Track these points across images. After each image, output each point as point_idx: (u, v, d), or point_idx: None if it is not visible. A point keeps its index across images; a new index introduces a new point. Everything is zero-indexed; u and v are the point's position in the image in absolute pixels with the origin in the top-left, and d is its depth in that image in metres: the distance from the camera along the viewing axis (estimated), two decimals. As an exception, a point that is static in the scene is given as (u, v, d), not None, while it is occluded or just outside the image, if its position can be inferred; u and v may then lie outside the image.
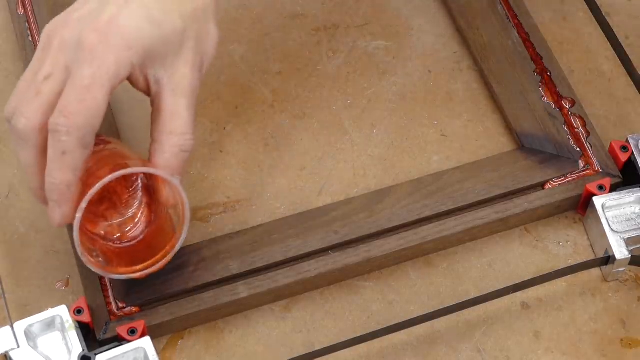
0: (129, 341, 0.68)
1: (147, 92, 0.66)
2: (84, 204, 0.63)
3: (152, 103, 0.66)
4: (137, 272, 0.67)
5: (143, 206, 0.69)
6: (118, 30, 0.62)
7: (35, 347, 0.68)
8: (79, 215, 0.63)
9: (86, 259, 0.65)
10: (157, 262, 0.67)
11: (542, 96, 0.79)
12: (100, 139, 0.68)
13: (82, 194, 0.63)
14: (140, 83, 0.65)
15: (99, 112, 0.62)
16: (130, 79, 0.64)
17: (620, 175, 0.75)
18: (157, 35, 0.63)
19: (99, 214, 0.68)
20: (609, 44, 0.82)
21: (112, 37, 0.62)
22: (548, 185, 0.75)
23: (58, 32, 0.64)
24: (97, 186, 0.62)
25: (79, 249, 0.64)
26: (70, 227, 0.65)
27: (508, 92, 0.80)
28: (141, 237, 0.69)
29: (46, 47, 0.64)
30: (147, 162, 0.66)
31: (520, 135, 0.78)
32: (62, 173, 0.62)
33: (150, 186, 0.68)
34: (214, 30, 0.67)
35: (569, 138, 0.77)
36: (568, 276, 0.73)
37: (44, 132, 0.63)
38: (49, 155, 0.62)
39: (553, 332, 0.72)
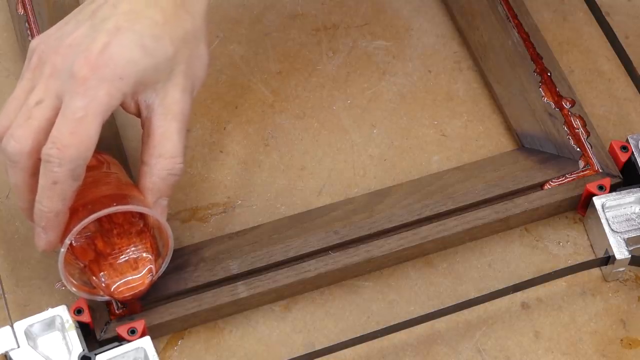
0: (129, 341, 0.68)
1: (138, 115, 0.67)
2: (68, 240, 0.64)
3: (143, 126, 0.67)
4: (124, 295, 0.68)
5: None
6: (110, 61, 0.63)
7: (35, 347, 0.68)
8: (63, 250, 0.64)
9: (70, 285, 0.67)
10: (140, 286, 0.68)
11: (542, 96, 0.79)
12: (102, 156, 0.69)
13: (72, 219, 0.65)
14: (131, 108, 0.66)
15: (90, 144, 0.62)
16: (121, 105, 0.65)
17: (620, 175, 0.75)
18: (149, 64, 0.64)
19: (88, 235, 0.69)
20: (609, 44, 0.82)
21: (104, 69, 0.63)
22: (548, 185, 0.75)
23: (50, 57, 0.64)
24: (81, 225, 0.64)
25: (64, 279, 0.66)
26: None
27: (508, 92, 0.80)
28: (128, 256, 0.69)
29: (37, 70, 0.65)
30: (136, 189, 0.67)
31: (520, 135, 0.78)
32: (51, 202, 0.63)
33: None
34: (205, 53, 0.68)
35: (569, 138, 0.77)
36: (568, 276, 0.73)
37: (34, 155, 0.64)
38: (40, 183, 0.63)
39: (553, 332, 0.72)
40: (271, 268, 0.72)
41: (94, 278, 0.67)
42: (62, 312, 0.68)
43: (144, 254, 0.68)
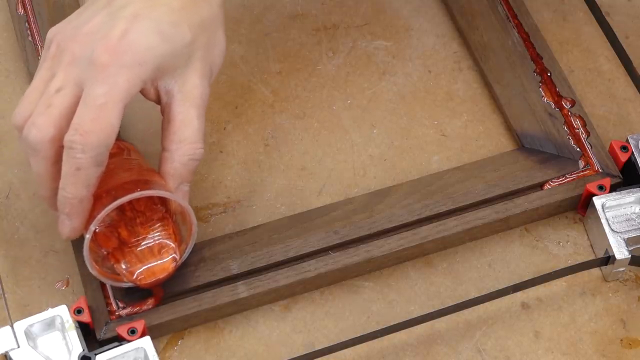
0: (129, 341, 0.68)
1: (158, 102, 0.67)
2: (93, 227, 0.64)
3: (163, 112, 0.67)
4: (148, 281, 0.68)
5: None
6: (129, 48, 0.63)
7: (35, 347, 0.68)
8: (88, 236, 0.65)
9: (95, 272, 0.67)
10: (164, 272, 0.68)
11: (542, 96, 0.79)
12: (122, 143, 0.69)
13: (95, 206, 0.65)
14: (150, 94, 0.66)
15: (112, 130, 0.63)
16: (141, 92, 0.65)
17: (620, 175, 0.75)
18: (167, 49, 0.64)
19: (111, 223, 0.69)
20: (609, 44, 0.82)
21: (124, 55, 0.63)
22: (548, 185, 0.75)
23: (68, 45, 0.65)
24: (106, 210, 0.64)
25: (89, 266, 0.66)
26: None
27: (508, 92, 0.80)
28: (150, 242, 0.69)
29: (55, 58, 0.65)
30: (157, 175, 0.67)
31: (520, 135, 0.78)
32: (75, 188, 0.64)
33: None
34: (222, 39, 0.68)
35: (569, 138, 0.77)
36: (568, 276, 0.73)
37: (55, 143, 0.64)
38: (63, 170, 0.63)
39: (553, 332, 0.72)
40: (271, 268, 0.72)
41: (117, 265, 0.68)
42: (62, 312, 0.68)
43: (167, 240, 0.68)
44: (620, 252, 0.71)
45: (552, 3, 0.86)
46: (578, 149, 0.76)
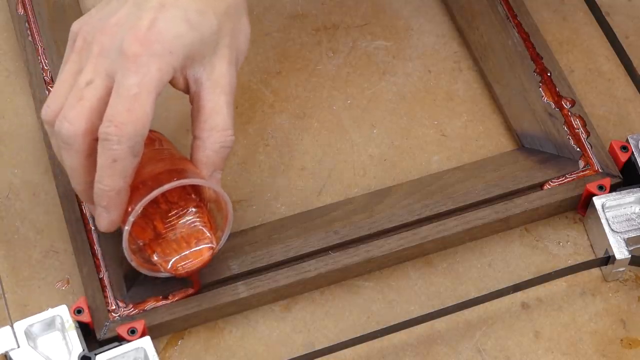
0: (129, 341, 0.68)
1: (186, 91, 0.67)
2: (132, 218, 0.64)
3: (192, 101, 0.67)
4: (185, 271, 0.68)
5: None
6: (159, 37, 0.63)
7: (35, 347, 0.68)
8: (127, 228, 0.65)
9: (135, 264, 0.67)
10: (201, 261, 0.68)
11: (542, 96, 0.79)
12: (153, 134, 0.69)
13: (131, 197, 0.65)
14: (179, 83, 0.66)
15: (147, 120, 0.63)
16: (170, 81, 0.65)
17: (620, 175, 0.75)
18: (195, 37, 0.65)
19: (145, 214, 0.69)
20: (609, 44, 0.82)
21: (154, 44, 0.63)
22: (548, 185, 0.75)
23: (96, 37, 0.65)
24: (144, 201, 0.64)
25: (129, 257, 0.66)
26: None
27: (508, 92, 0.80)
28: (182, 230, 0.69)
29: (83, 51, 0.65)
30: (190, 163, 0.67)
31: (520, 135, 0.78)
32: (112, 180, 0.64)
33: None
34: (247, 25, 0.69)
35: (569, 138, 0.77)
36: (568, 276, 0.73)
37: (88, 136, 0.64)
38: (99, 163, 0.63)
39: (553, 332, 0.72)
40: (271, 268, 0.72)
41: (154, 256, 0.68)
42: (62, 312, 0.68)
43: (202, 229, 0.69)
44: (620, 252, 0.71)
45: (552, 3, 0.86)
46: (578, 149, 0.76)
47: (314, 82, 0.82)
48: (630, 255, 0.71)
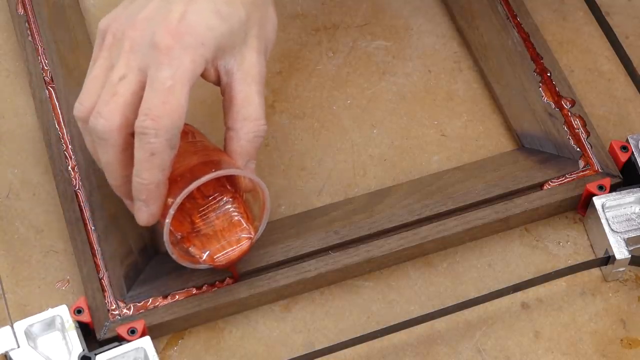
0: (129, 341, 0.68)
1: (217, 82, 0.67)
2: (172, 211, 0.65)
3: (223, 93, 0.68)
4: (224, 262, 0.69)
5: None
6: (190, 29, 0.64)
7: (35, 347, 0.68)
8: (168, 220, 0.65)
9: (175, 256, 0.67)
10: (239, 251, 0.69)
11: (542, 96, 0.79)
12: (185, 126, 0.69)
13: (169, 191, 0.65)
14: (211, 75, 0.67)
15: (182, 112, 0.63)
16: (201, 74, 0.66)
17: (620, 175, 0.75)
18: (225, 28, 0.65)
19: (182, 207, 0.69)
20: (609, 44, 0.82)
21: (186, 37, 0.63)
22: (548, 185, 0.75)
23: (126, 32, 0.65)
24: (184, 193, 0.64)
25: (170, 250, 0.66)
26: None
27: (508, 92, 0.80)
28: (216, 222, 0.70)
29: (114, 47, 0.66)
30: (224, 154, 0.68)
31: (520, 135, 0.78)
32: (151, 174, 0.64)
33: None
34: (273, 15, 0.69)
35: (569, 138, 0.77)
36: (568, 276, 0.73)
37: (123, 131, 0.64)
38: (136, 157, 0.64)
39: (553, 332, 0.72)
40: (271, 268, 0.72)
41: (193, 248, 0.68)
42: (62, 312, 0.68)
43: (240, 219, 0.69)
44: (620, 252, 0.71)
45: (552, 3, 0.86)
46: (578, 149, 0.76)
47: (314, 82, 0.82)
48: (630, 255, 0.71)
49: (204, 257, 0.68)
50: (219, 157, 0.67)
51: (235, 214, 0.69)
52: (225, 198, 0.69)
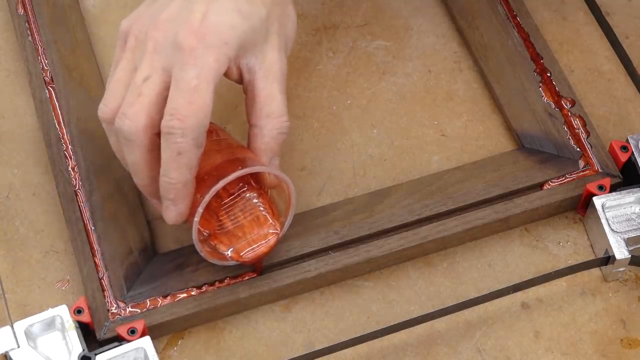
0: (129, 341, 0.68)
1: (239, 81, 0.68)
2: (201, 209, 0.65)
3: (246, 91, 0.68)
4: (251, 258, 0.69)
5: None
6: (213, 28, 0.64)
7: (35, 347, 0.68)
8: (197, 219, 0.65)
9: (204, 254, 0.68)
10: (265, 247, 0.69)
11: (542, 96, 0.79)
12: (210, 125, 0.69)
13: (197, 189, 0.66)
14: (233, 74, 0.67)
15: (208, 111, 0.64)
16: (224, 72, 0.66)
17: (620, 175, 0.75)
18: (247, 27, 0.65)
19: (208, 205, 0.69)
20: (609, 44, 0.82)
21: (209, 36, 0.64)
22: (548, 185, 0.75)
23: (149, 33, 0.65)
24: (213, 191, 0.65)
25: (199, 248, 0.67)
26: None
27: (508, 92, 0.80)
28: (242, 219, 0.70)
29: (136, 49, 0.66)
30: (248, 151, 0.68)
31: (520, 135, 0.78)
32: (179, 173, 0.64)
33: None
34: (293, 12, 0.70)
35: (569, 138, 0.77)
36: (568, 276, 0.73)
37: (149, 131, 0.65)
38: (164, 157, 0.64)
39: (553, 332, 0.72)
40: (271, 268, 0.72)
41: (220, 245, 0.68)
42: (62, 312, 0.68)
43: (266, 215, 0.69)
44: (620, 252, 0.71)
45: (552, 3, 0.86)
46: (578, 149, 0.76)
47: (314, 82, 0.82)
48: (630, 255, 0.71)
49: (231, 254, 0.68)
50: (244, 154, 0.68)
51: (261, 209, 0.69)
52: (250, 194, 0.70)
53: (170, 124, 0.63)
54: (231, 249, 0.69)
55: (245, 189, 0.70)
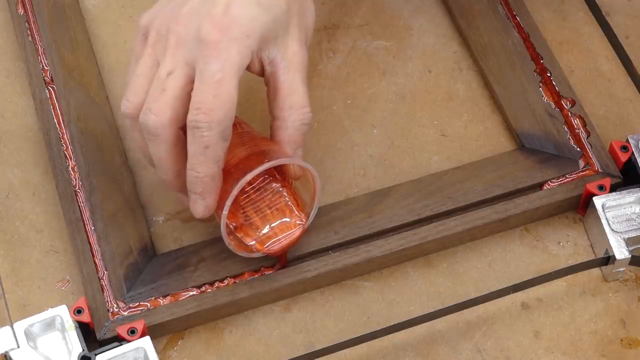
0: (129, 341, 0.68)
1: (261, 73, 0.68)
2: (229, 202, 0.65)
3: (268, 83, 0.68)
4: (278, 249, 0.69)
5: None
6: (235, 21, 0.64)
7: (35, 347, 0.68)
8: (225, 212, 0.65)
9: (232, 247, 0.68)
10: (291, 238, 0.69)
11: (542, 96, 0.79)
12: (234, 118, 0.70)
13: (224, 183, 0.66)
14: (255, 66, 0.67)
15: (233, 103, 0.64)
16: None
17: (620, 175, 0.75)
18: (268, 19, 0.66)
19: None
20: (609, 44, 0.82)
21: (232, 29, 0.64)
22: (548, 185, 0.75)
23: (171, 28, 0.65)
24: (240, 183, 0.65)
25: (227, 241, 0.67)
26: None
27: (508, 92, 0.80)
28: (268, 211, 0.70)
29: (158, 44, 0.66)
30: (272, 143, 0.68)
31: (520, 135, 0.78)
32: (206, 167, 0.65)
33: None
34: (311, 4, 0.70)
35: (569, 138, 0.77)
36: (568, 276, 0.73)
37: (174, 125, 0.65)
38: (190, 151, 0.64)
39: (553, 332, 0.72)
40: (271, 268, 0.72)
41: (246, 238, 0.69)
42: (62, 312, 0.68)
43: (291, 206, 0.69)
44: (620, 252, 0.71)
45: (552, 3, 0.86)
46: (578, 149, 0.76)
47: (314, 82, 0.82)
48: (630, 255, 0.71)
49: (257, 246, 0.69)
50: (268, 146, 0.68)
51: (286, 201, 0.70)
52: (275, 186, 0.70)
53: (197, 117, 0.63)
54: (256, 241, 0.69)
55: (269, 180, 0.70)
